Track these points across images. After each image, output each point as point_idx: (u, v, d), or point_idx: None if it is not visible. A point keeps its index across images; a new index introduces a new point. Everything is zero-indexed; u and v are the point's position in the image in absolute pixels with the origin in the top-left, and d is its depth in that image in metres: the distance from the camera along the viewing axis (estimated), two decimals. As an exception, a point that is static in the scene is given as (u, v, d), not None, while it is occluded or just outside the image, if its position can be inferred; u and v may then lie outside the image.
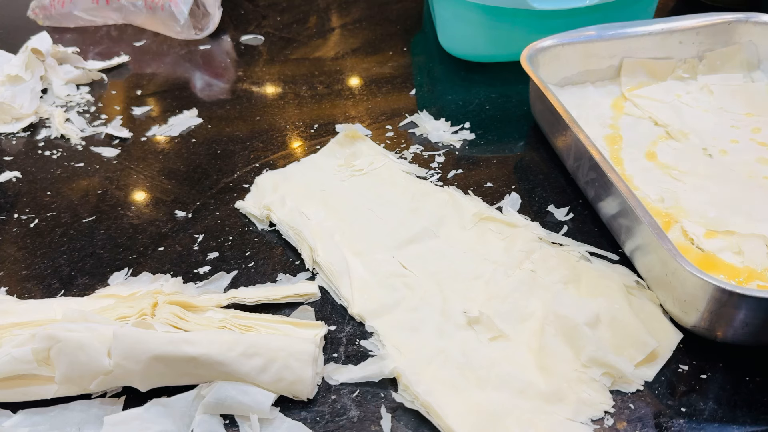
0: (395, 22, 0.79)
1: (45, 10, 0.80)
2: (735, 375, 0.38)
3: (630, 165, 0.52)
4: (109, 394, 0.39)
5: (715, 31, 0.59)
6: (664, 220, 0.46)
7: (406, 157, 0.56)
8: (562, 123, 0.50)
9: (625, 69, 0.59)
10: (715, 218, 0.46)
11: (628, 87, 0.59)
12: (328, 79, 0.68)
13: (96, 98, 0.68)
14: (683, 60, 0.60)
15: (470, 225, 0.48)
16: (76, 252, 0.49)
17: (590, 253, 0.46)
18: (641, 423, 0.36)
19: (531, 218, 0.49)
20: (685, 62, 0.60)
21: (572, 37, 0.57)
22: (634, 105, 0.58)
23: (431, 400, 0.36)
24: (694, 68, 0.60)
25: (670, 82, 0.60)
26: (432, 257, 0.46)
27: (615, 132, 0.55)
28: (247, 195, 0.53)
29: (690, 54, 0.60)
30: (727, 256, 0.43)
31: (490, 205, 0.50)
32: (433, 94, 0.65)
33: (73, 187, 0.56)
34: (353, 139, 0.57)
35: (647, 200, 0.48)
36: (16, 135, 0.63)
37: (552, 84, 0.58)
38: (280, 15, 0.82)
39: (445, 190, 0.52)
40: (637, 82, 0.60)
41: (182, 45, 0.76)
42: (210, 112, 0.64)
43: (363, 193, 0.52)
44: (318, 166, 0.55)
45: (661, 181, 0.50)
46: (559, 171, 0.54)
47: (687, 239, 0.45)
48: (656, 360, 0.39)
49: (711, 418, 0.36)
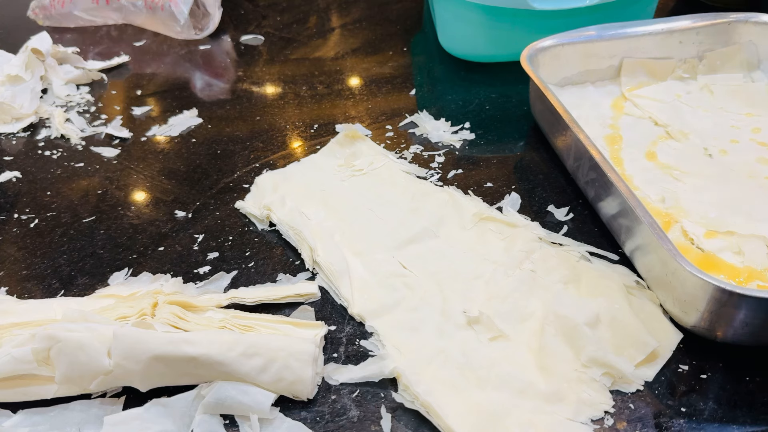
0: (395, 22, 0.79)
1: (45, 10, 0.80)
2: (735, 375, 0.38)
3: (630, 165, 0.52)
4: (109, 394, 0.39)
5: (715, 31, 0.59)
6: (664, 220, 0.46)
7: (406, 157, 0.56)
8: (562, 123, 0.50)
9: (625, 69, 0.59)
10: (716, 218, 0.46)
11: (628, 87, 0.59)
12: (328, 79, 0.68)
13: (96, 98, 0.68)
14: (683, 60, 0.60)
15: (470, 225, 0.48)
16: (76, 252, 0.49)
17: (590, 253, 0.46)
18: (641, 423, 0.36)
19: (531, 218, 0.49)
20: (685, 62, 0.60)
21: (572, 37, 0.57)
22: (634, 105, 0.58)
23: (431, 400, 0.36)
24: (694, 68, 0.60)
25: (670, 82, 0.60)
26: (432, 257, 0.46)
27: (615, 132, 0.55)
28: (247, 195, 0.53)
29: (690, 54, 0.60)
30: (728, 256, 0.43)
31: (490, 205, 0.50)
32: (433, 94, 0.65)
33: (73, 187, 0.56)
34: (353, 139, 0.57)
35: (647, 200, 0.48)
36: (16, 135, 0.63)
37: (552, 84, 0.58)
38: (280, 15, 0.82)
39: (445, 190, 0.52)
40: (637, 82, 0.60)
41: (182, 45, 0.76)
42: (210, 112, 0.64)
43: (363, 193, 0.52)
44: (318, 166, 0.55)
45: (661, 182, 0.50)
46: (559, 171, 0.54)
47: (687, 239, 0.45)
48: (656, 360, 0.39)
49: (711, 418, 0.36)
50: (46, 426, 0.37)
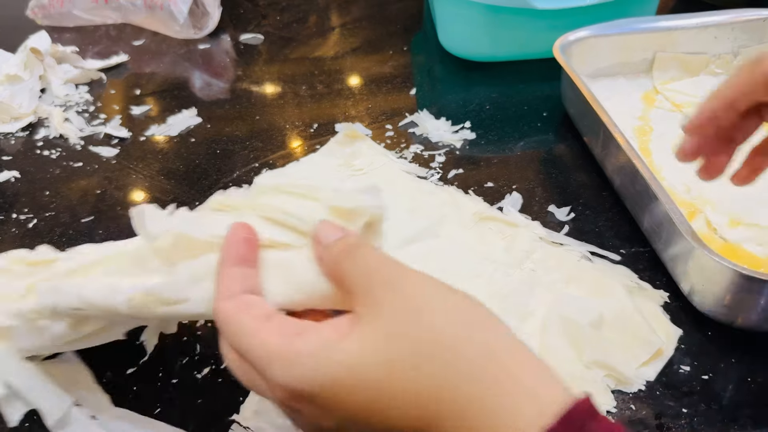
0: (395, 21, 0.79)
1: (44, 9, 0.80)
2: (736, 376, 0.38)
3: (658, 156, 0.52)
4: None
5: (751, 27, 0.58)
6: (688, 210, 0.47)
7: (407, 156, 0.56)
8: (591, 111, 0.50)
9: (658, 63, 0.60)
10: (740, 210, 0.46)
11: (660, 81, 0.59)
12: (328, 79, 0.68)
13: (95, 98, 0.68)
14: (717, 55, 0.60)
15: (471, 224, 0.48)
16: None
17: (591, 253, 0.46)
18: (642, 424, 0.36)
19: (532, 218, 0.49)
20: (719, 58, 0.60)
21: (606, 30, 0.58)
22: (665, 98, 0.58)
23: None
24: (727, 64, 0.60)
25: (703, 77, 0.60)
26: (432, 257, 0.46)
27: (645, 124, 0.55)
28: None
29: (724, 50, 0.59)
30: (751, 247, 0.44)
31: (490, 204, 0.50)
32: (433, 94, 0.65)
33: (71, 187, 0.56)
34: (353, 139, 0.57)
35: (673, 190, 0.48)
36: (14, 135, 0.63)
37: (584, 75, 0.58)
38: (280, 14, 0.82)
39: (445, 189, 0.52)
40: (669, 77, 0.60)
41: (181, 44, 0.76)
42: (209, 111, 0.64)
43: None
44: (318, 165, 0.55)
45: (688, 173, 0.50)
46: (560, 170, 0.54)
47: (710, 229, 0.45)
48: (660, 358, 0.39)
49: (712, 418, 0.36)
50: None
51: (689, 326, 0.41)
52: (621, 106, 0.57)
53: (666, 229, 0.42)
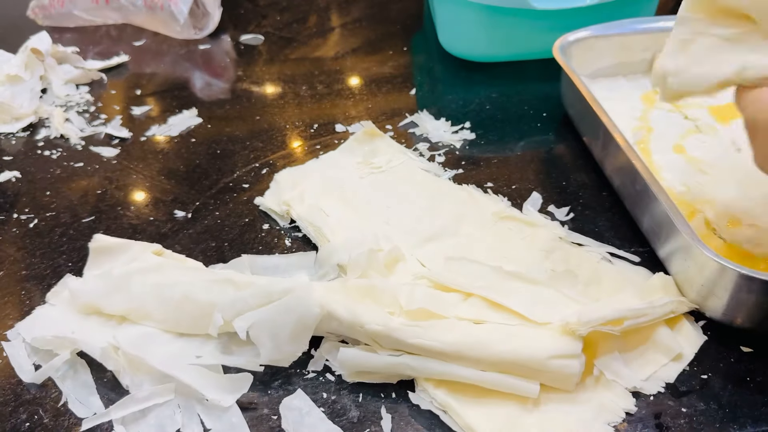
0: (395, 21, 0.79)
1: (44, 9, 0.80)
2: (736, 375, 0.38)
3: (658, 156, 0.52)
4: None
5: None
6: (688, 210, 0.47)
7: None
8: (590, 111, 0.50)
9: None
10: (740, 211, 0.46)
11: None
12: (328, 79, 0.68)
13: (95, 98, 0.68)
14: None
15: (490, 224, 0.48)
16: (75, 252, 0.49)
17: (611, 254, 0.46)
18: (642, 423, 0.36)
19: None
20: None
21: (606, 30, 0.58)
22: None
23: (450, 400, 0.36)
24: None
25: None
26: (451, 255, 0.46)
27: (645, 124, 0.55)
28: (267, 191, 0.53)
29: None
30: (750, 247, 0.43)
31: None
32: (433, 94, 0.65)
33: (72, 187, 0.56)
34: (372, 137, 0.57)
35: (673, 190, 0.48)
36: (15, 135, 0.63)
37: (584, 75, 0.58)
38: (280, 14, 0.82)
39: (464, 188, 0.51)
40: None
41: (182, 45, 0.76)
42: (210, 111, 0.64)
43: (382, 191, 0.51)
44: (337, 163, 0.55)
45: (688, 174, 0.50)
46: (559, 171, 0.54)
47: (709, 229, 0.45)
48: (680, 362, 0.39)
49: (712, 418, 0.36)
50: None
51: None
52: (621, 107, 0.56)
53: (665, 229, 0.42)
